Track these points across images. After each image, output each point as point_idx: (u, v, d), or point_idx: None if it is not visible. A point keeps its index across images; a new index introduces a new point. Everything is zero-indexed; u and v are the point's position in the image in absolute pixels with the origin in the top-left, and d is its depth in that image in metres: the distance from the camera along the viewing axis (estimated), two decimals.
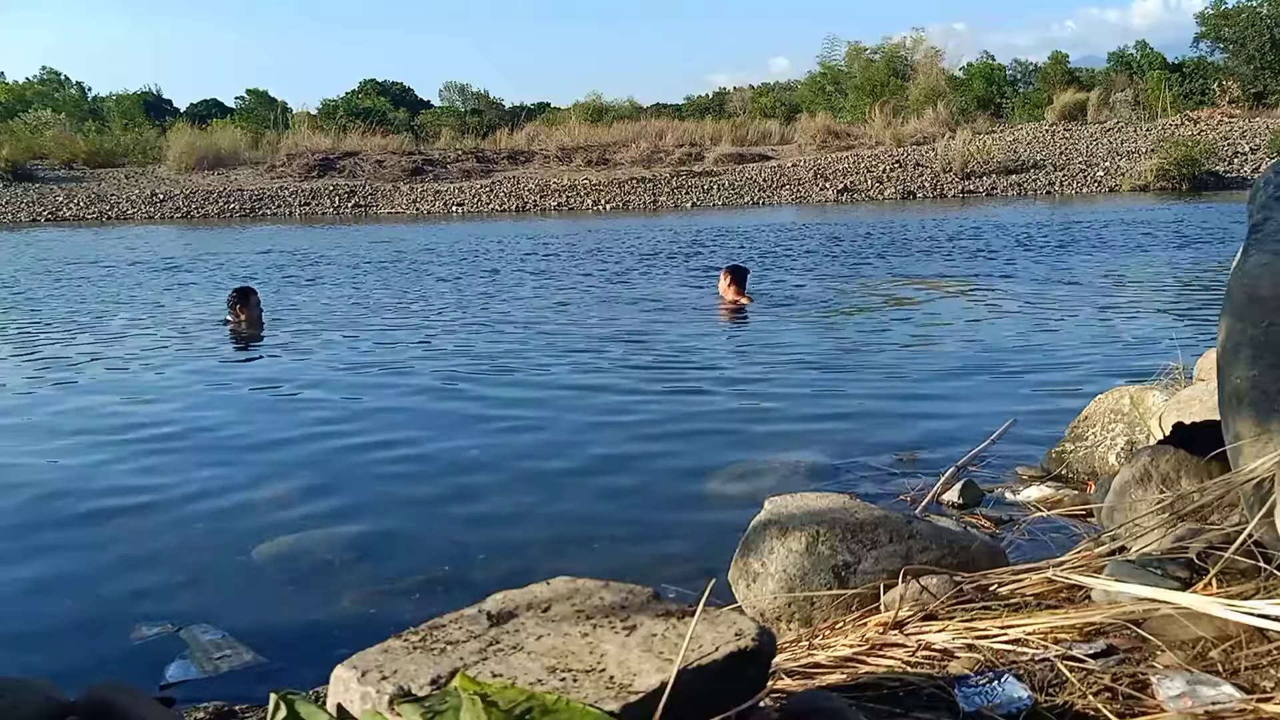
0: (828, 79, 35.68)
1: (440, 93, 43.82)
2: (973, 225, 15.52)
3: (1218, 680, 1.58)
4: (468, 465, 4.36)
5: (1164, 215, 16.24)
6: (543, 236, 16.31)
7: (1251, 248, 2.17)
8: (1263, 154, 23.20)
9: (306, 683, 2.10)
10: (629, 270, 11.40)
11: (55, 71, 41.78)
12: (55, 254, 15.08)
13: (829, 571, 2.33)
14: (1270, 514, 1.88)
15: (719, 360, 6.49)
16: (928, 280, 10.06)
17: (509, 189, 24.51)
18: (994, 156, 24.12)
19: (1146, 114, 27.88)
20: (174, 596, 3.11)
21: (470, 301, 9.31)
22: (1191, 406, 2.93)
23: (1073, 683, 1.63)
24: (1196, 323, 7.19)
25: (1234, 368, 2.08)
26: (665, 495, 3.93)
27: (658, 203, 23.39)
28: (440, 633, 1.43)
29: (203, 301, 9.56)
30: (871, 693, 1.68)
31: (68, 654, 2.79)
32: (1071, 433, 4.00)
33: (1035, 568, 2.20)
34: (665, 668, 1.30)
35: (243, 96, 39.68)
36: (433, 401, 5.52)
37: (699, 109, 39.55)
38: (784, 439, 4.57)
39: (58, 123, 31.89)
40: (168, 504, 3.96)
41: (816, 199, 23.21)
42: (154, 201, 23.87)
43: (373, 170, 26.83)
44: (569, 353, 6.76)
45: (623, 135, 29.64)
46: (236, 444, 4.77)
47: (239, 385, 6.06)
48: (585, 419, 5.06)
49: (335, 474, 4.31)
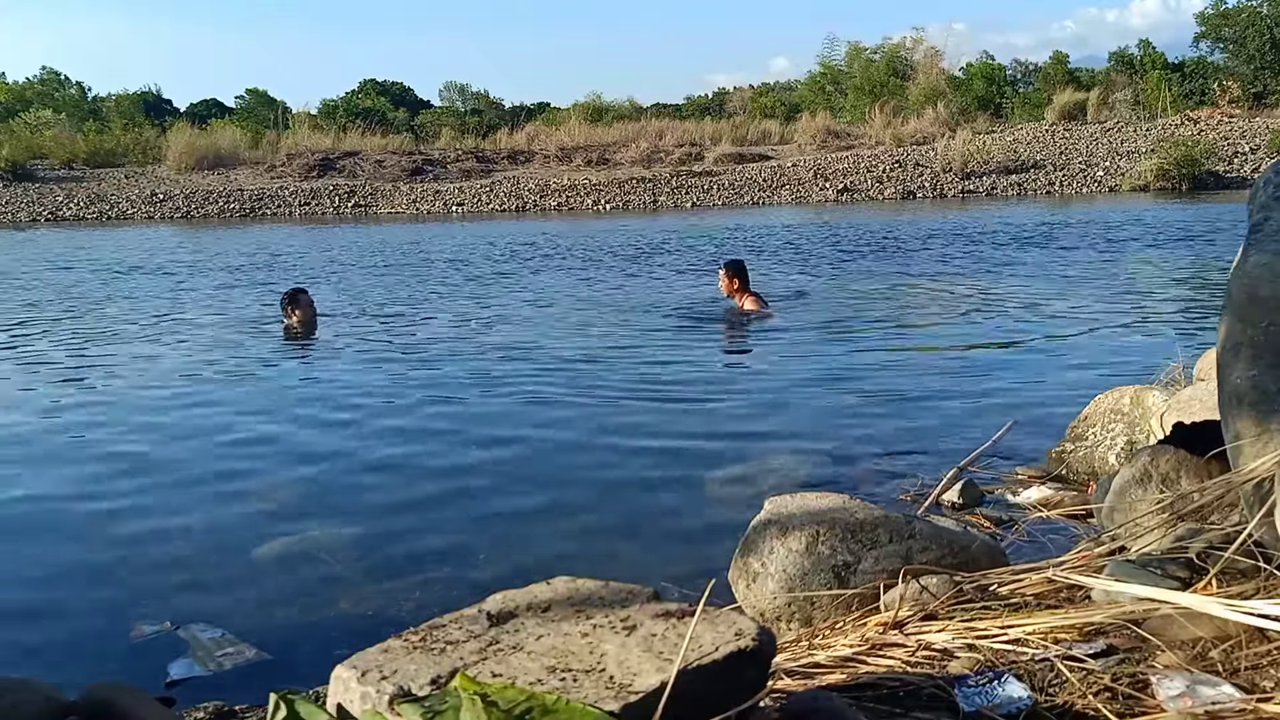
0: (828, 79, 35.66)
1: (440, 93, 43.86)
2: (973, 225, 15.52)
3: (1218, 680, 1.58)
4: (468, 465, 4.36)
5: (1164, 215, 16.24)
6: (544, 236, 16.31)
7: (1251, 248, 2.17)
8: (1263, 154, 23.19)
9: (306, 683, 2.10)
10: (629, 270, 11.41)
11: (55, 71, 41.75)
12: (100, 254, 15.07)
13: (829, 571, 2.33)
14: (1270, 514, 1.88)
15: (719, 360, 6.49)
16: (927, 280, 10.06)
17: (509, 189, 24.50)
18: (994, 156, 24.11)
19: (1146, 114, 27.87)
20: (174, 596, 3.11)
21: (473, 302, 9.31)
22: (1191, 406, 2.93)
23: (1073, 683, 1.63)
24: (1196, 323, 7.19)
25: (1234, 368, 2.08)
26: (665, 495, 3.93)
27: (658, 203, 23.39)
28: (440, 633, 1.43)
29: (265, 303, 9.45)
30: (871, 693, 1.68)
31: (68, 654, 2.79)
32: (1071, 433, 4.00)
33: (1035, 568, 2.20)
34: (665, 668, 1.30)
35: (243, 96, 39.68)
36: (433, 402, 5.52)
37: (699, 109, 39.53)
38: (784, 439, 4.57)
39: (58, 123, 31.87)
40: (168, 503, 3.96)
41: (816, 199, 23.20)
42: (154, 201, 23.87)
43: (373, 170, 26.83)
44: (569, 353, 6.76)
45: (623, 135, 29.63)
46: (237, 443, 4.77)
47: (238, 386, 6.06)
48: (585, 419, 5.06)
49: (336, 474, 4.31)
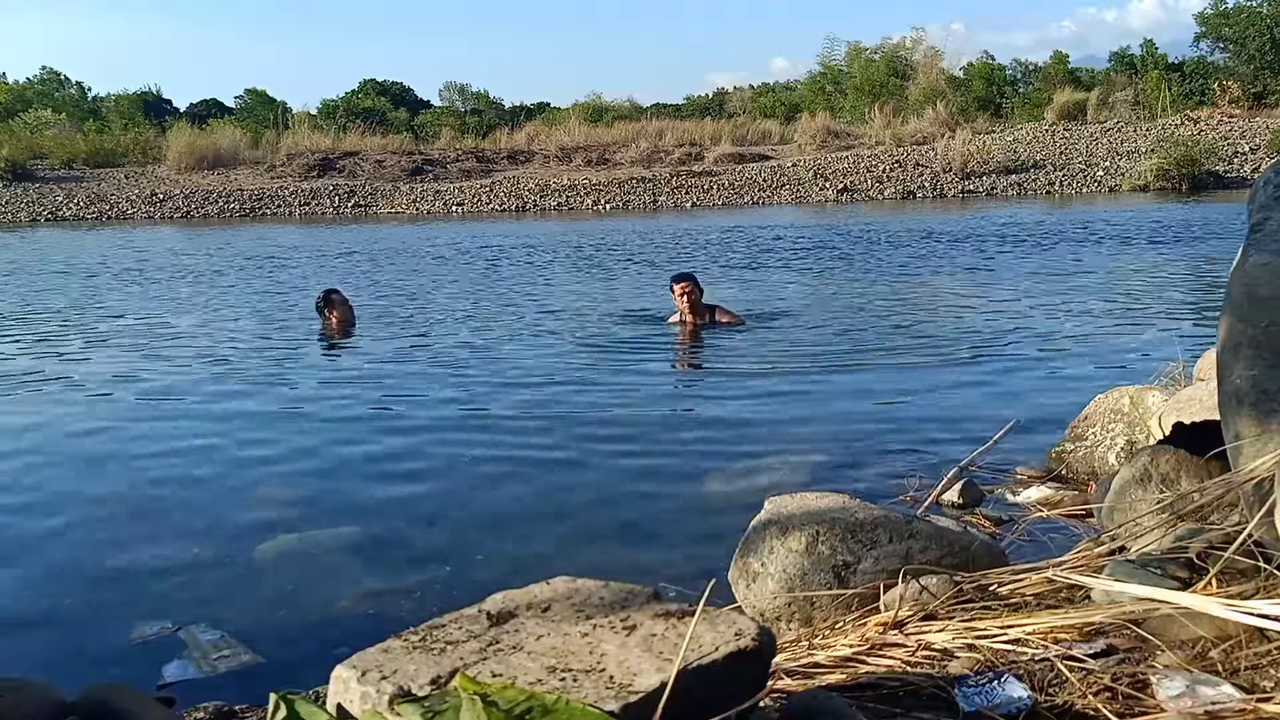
0: (827, 79, 35.63)
1: (440, 93, 43.84)
2: (973, 225, 15.52)
3: (1218, 680, 1.58)
4: (467, 466, 4.36)
5: (1164, 215, 16.24)
6: (546, 236, 16.31)
7: (1251, 248, 2.17)
8: (1263, 154, 23.18)
9: (306, 683, 2.09)
10: (630, 270, 11.40)
11: (55, 71, 41.75)
12: (133, 254, 15.07)
13: (829, 571, 2.33)
14: (1270, 514, 1.88)
15: (718, 360, 6.49)
16: (927, 279, 10.06)
17: (509, 189, 24.50)
18: (994, 156, 24.10)
19: (1146, 114, 27.86)
20: (174, 596, 3.11)
21: (475, 303, 9.32)
22: (1191, 406, 2.93)
23: (1073, 683, 1.63)
24: (1196, 323, 7.19)
25: (1234, 368, 2.08)
26: (665, 495, 3.93)
27: (658, 203, 23.38)
28: (440, 633, 1.43)
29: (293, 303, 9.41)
30: (871, 693, 1.68)
31: (68, 654, 2.79)
32: (1071, 433, 4.00)
33: (1035, 568, 2.20)
34: (665, 668, 1.30)
35: (243, 96, 39.67)
36: (433, 403, 5.52)
37: (699, 109, 39.49)
38: (784, 439, 4.57)
39: (58, 122, 31.87)
40: (168, 503, 3.96)
41: (816, 199, 23.19)
42: (154, 201, 23.86)
43: (373, 170, 26.82)
44: (570, 354, 6.76)
45: (622, 135, 29.60)
46: (237, 443, 4.77)
47: (239, 385, 6.06)
48: (585, 420, 5.06)
49: (336, 474, 4.31)
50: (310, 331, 7.75)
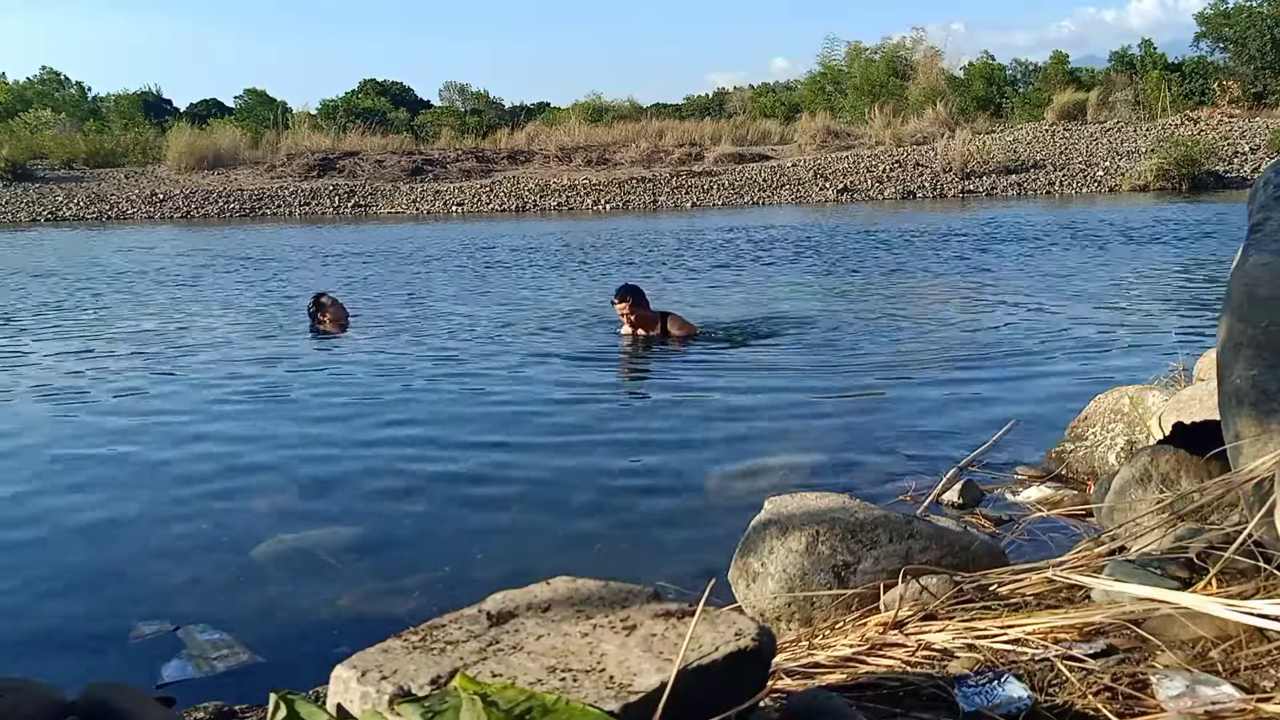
0: (827, 79, 35.61)
1: (440, 93, 43.84)
2: (973, 225, 15.52)
3: (1218, 680, 1.58)
4: (467, 465, 4.36)
5: (1164, 215, 16.23)
6: (547, 236, 16.31)
7: (1251, 248, 2.17)
8: (1263, 154, 23.18)
9: (306, 683, 2.09)
10: (629, 270, 11.40)
11: (55, 71, 41.70)
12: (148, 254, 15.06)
13: (829, 571, 2.33)
14: (1270, 514, 1.88)
15: (718, 360, 6.48)
16: (926, 279, 10.06)
17: (509, 189, 24.49)
18: (994, 156, 24.10)
19: (1146, 114, 27.86)
20: (174, 596, 3.11)
21: (475, 303, 9.32)
22: (1191, 406, 2.93)
23: (1073, 683, 1.63)
24: (1196, 323, 7.19)
25: (1234, 368, 2.08)
26: (665, 495, 3.93)
27: (657, 203, 23.38)
28: (440, 633, 1.43)
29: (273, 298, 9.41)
30: (871, 693, 1.68)
31: (68, 654, 2.79)
32: (1071, 433, 4.00)
33: (1035, 568, 2.20)
34: (665, 668, 1.30)
35: (242, 96, 39.64)
36: (433, 403, 5.52)
37: (699, 109, 39.48)
38: (784, 439, 4.57)
39: (58, 122, 31.85)
40: (167, 503, 3.96)
41: (816, 199, 23.19)
42: (154, 201, 23.86)
43: (373, 170, 26.82)
44: (570, 354, 6.76)
45: (622, 135, 29.60)
46: (237, 443, 4.77)
47: (239, 385, 6.06)
48: (585, 420, 5.06)
49: (335, 473, 4.31)
50: (308, 331, 7.76)
